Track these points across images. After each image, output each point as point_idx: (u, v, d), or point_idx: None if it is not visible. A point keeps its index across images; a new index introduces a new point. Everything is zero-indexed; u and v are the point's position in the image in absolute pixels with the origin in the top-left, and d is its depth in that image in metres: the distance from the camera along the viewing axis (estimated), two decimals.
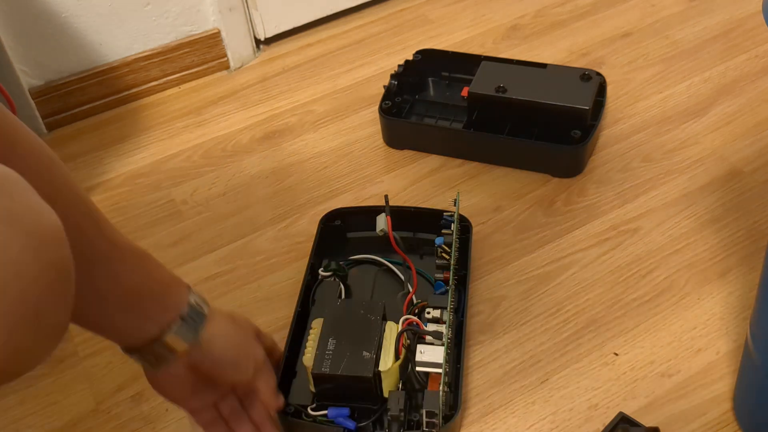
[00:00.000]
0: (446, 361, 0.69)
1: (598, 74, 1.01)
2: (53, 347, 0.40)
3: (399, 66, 1.08)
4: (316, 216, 0.95)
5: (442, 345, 0.70)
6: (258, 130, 1.11)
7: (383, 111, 1.03)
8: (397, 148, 1.05)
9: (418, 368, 0.70)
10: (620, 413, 0.70)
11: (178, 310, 0.60)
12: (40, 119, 1.12)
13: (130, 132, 1.13)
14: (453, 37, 1.25)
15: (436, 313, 0.74)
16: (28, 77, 1.10)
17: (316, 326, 0.75)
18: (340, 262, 0.86)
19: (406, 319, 0.75)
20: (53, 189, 0.51)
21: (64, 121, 1.15)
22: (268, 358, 0.72)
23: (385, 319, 0.75)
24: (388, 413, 0.69)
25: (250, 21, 1.23)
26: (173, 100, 1.19)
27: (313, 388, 0.73)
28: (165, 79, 1.20)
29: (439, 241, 0.80)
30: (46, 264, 0.37)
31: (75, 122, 1.16)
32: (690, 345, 0.78)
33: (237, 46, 1.22)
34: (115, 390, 0.79)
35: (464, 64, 1.07)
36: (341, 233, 0.90)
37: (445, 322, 0.73)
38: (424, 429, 0.69)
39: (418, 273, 0.84)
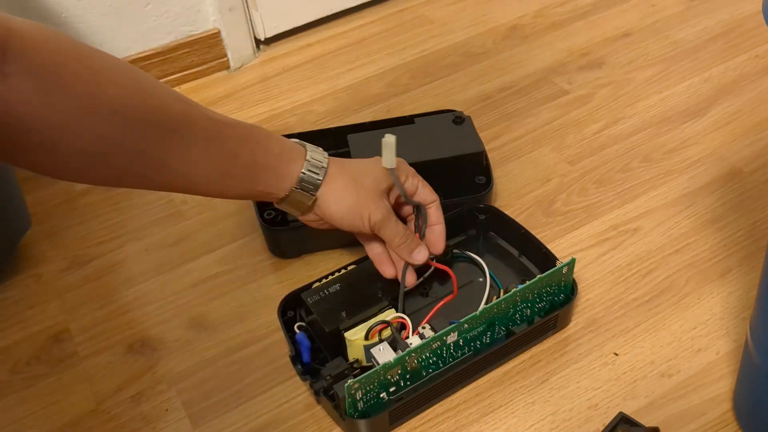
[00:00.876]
0: (386, 367, 0.68)
1: (464, 113, 0.96)
2: None
3: None
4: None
5: (395, 355, 0.70)
6: None
7: (267, 222, 0.89)
8: (288, 258, 0.91)
9: (369, 358, 0.72)
10: (620, 413, 0.70)
11: (293, 181, 0.69)
12: None
13: None
14: (453, 37, 1.25)
15: (429, 333, 0.74)
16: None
17: (349, 269, 0.80)
18: (454, 250, 0.84)
19: (399, 317, 0.75)
20: (139, 86, 0.59)
21: None
22: (424, 207, 0.78)
23: (391, 304, 0.76)
24: (323, 371, 0.72)
25: (250, 21, 1.23)
26: None
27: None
28: (165, 79, 1.20)
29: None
30: None
31: None
32: (690, 345, 0.78)
33: (237, 46, 1.22)
34: (115, 390, 0.79)
35: (314, 142, 0.95)
36: (483, 228, 0.87)
37: (427, 342, 0.70)
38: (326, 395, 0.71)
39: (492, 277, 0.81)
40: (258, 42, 1.26)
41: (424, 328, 0.75)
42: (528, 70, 1.16)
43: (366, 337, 0.73)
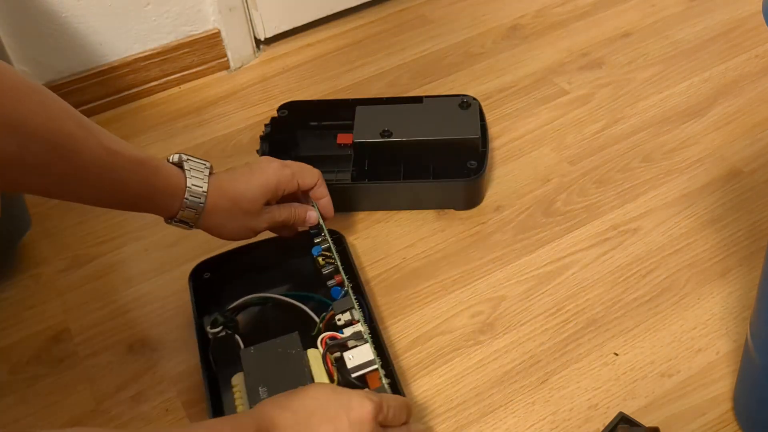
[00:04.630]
0: (376, 354, 0.70)
1: (474, 99, 0.98)
2: None
3: (266, 126, 0.99)
4: None
5: (366, 342, 0.71)
6: (258, 130, 1.10)
7: None
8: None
9: (353, 374, 0.69)
10: (620, 413, 0.70)
11: (175, 211, 0.73)
12: None
13: (130, 132, 1.13)
14: (453, 37, 1.25)
15: (346, 316, 0.74)
16: (28, 77, 1.10)
17: (237, 382, 0.72)
18: (225, 313, 0.80)
19: (323, 338, 0.73)
20: (42, 106, 0.61)
21: None
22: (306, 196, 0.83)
23: (304, 349, 0.73)
24: None
25: (250, 21, 1.23)
26: (173, 100, 1.19)
27: None
28: (165, 79, 1.20)
29: (316, 251, 0.80)
30: None
31: None
32: (690, 345, 0.78)
33: (237, 46, 1.22)
34: (115, 390, 0.79)
35: (331, 110, 1.02)
36: (215, 284, 0.86)
37: (358, 321, 0.73)
38: None
39: (311, 298, 0.82)
40: (258, 42, 1.26)
41: (339, 320, 0.74)
42: (528, 70, 1.16)
43: (330, 380, 0.70)
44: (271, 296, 0.83)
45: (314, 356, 0.72)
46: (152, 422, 0.76)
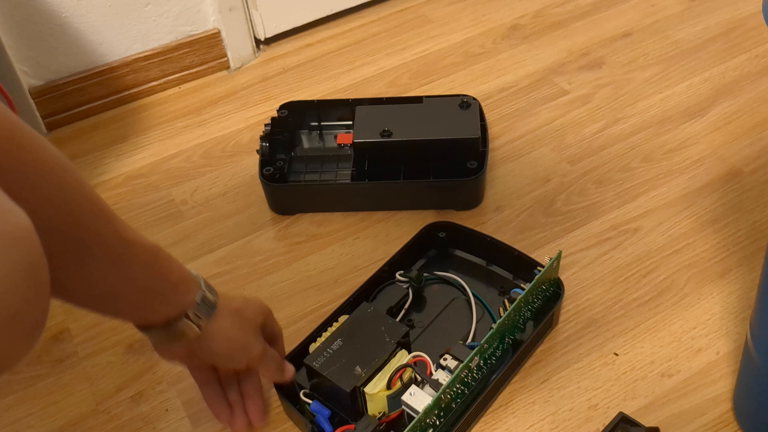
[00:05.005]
0: (427, 412, 0.65)
1: (474, 99, 0.98)
2: (30, 346, 0.40)
3: (266, 126, 0.98)
4: (316, 215, 0.96)
5: (434, 396, 0.67)
6: (258, 130, 1.11)
7: (266, 178, 0.94)
8: (286, 214, 0.97)
9: (403, 406, 0.68)
10: (620, 413, 0.70)
11: (184, 308, 0.62)
12: (40, 119, 1.12)
13: (130, 132, 1.13)
14: (453, 37, 1.25)
15: (452, 363, 0.71)
16: (28, 77, 1.10)
17: (340, 321, 0.75)
18: (424, 273, 0.82)
19: (417, 356, 0.71)
20: (61, 191, 0.52)
21: (64, 121, 1.15)
22: (273, 345, 0.73)
23: (400, 345, 0.72)
24: None
25: (250, 21, 1.23)
26: (173, 100, 1.19)
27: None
28: (165, 79, 1.20)
29: (518, 291, 0.75)
30: (14, 265, 0.37)
31: (75, 122, 1.16)
32: (690, 345, 0.78)
33: (237, 46, 1.22)
34: (115, 390, 0.79)
35: (331, 110, 1.02)
36: (443, 246, 0.87)
37: (447, 378, 0.69)
38: None
39: (484, 307, 0.81)
40: (258, 42, 1.26)
41: (445, 359, 0.72)
42: (528, 70, 1.16)
43: (388, 386, 0.69)
44: (469, 291, 0.82)
45: (400, 358, 0.71)
46: (152, 422, 0.76)
